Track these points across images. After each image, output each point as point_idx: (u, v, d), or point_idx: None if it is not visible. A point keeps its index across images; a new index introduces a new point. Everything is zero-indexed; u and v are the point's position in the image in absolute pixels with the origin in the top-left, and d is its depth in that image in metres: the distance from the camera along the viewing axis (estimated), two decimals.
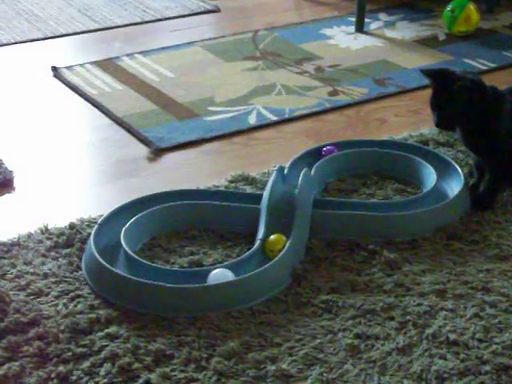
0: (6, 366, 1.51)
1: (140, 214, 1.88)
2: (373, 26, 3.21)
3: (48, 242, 1.86)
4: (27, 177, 2.18)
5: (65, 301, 1.68)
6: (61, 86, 2.72)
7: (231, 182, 2.10)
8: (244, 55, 2.94)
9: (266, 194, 1.93)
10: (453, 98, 1.92)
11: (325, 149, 2.17)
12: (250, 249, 1.80)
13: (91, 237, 1.80)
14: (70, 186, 2.16)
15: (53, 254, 1.82)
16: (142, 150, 2.31)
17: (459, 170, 2.04)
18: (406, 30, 3.16)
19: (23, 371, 1.50)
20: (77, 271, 1.77)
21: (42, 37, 3.12)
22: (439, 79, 1.95)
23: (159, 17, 3.33)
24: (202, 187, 2.06)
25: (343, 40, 3.07)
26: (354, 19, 3.17)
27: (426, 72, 1.98)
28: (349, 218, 1.89)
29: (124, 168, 2.23)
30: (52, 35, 3.14)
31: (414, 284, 1.73)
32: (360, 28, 3.14)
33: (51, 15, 3.33)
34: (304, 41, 3.06)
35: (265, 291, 1.70)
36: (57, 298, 1.69)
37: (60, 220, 1.94)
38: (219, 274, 1.70)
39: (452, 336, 1.58)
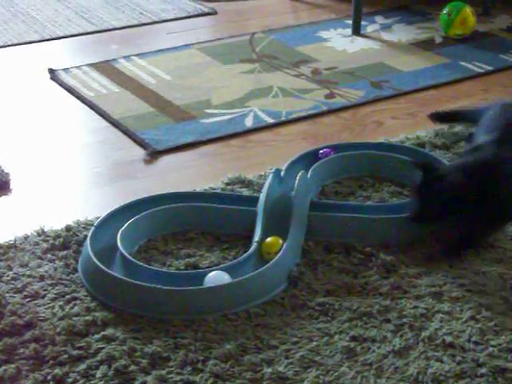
0: (2, 368, 1.50)
1: (136, 216, 1.88)
2: (369, 28, 3.21)
3: (44, 245, 1.86)
4: (24, 179, 2.18)
5: (61, 303, 1.68)
6: (58, 89, 2.71)
7: (228, 184, 2.09)
8: (241, 58, 2.94)
9: (262, 196, 1.93)
10: (436, 194, 1.83)
11: (321, 151, 2.18)
12: (246, 251, 1.80)
13: (88, 239, 1.80)
14: (67, 188, 2.16)
15: (49, 256, 1.82)
16: (139, 153, 2.31)
17: None
18: (402, 33, 3.16)
19: (19, 373, 1.50)
20: (73, 273, 1.77)
21: (38, 39, 3.12)
22: (427, 172, 1.86)
23: (156, 19, 3.33)
24: (198, 189, 2.06)
25: (340, 43, 3.07)
26: (350, 22, 3.17)
27: (416, 164, 1.91)
28: (345, 221, 1.89)
29: (121, 170, 2.23)
30: (49, 37, 3.13)
31: (410, 286, 1.73)
32: (357, 31, 3.14)
33: (48, 17, 3.32)
34: (301, 43, 3.06)
35: (261, 294, 1.69)
36: (53, 300, 1.69)
37: (56, 222, 1.94)
38: (216, 277, 1.70)
39: (448, 339, 1.58)
